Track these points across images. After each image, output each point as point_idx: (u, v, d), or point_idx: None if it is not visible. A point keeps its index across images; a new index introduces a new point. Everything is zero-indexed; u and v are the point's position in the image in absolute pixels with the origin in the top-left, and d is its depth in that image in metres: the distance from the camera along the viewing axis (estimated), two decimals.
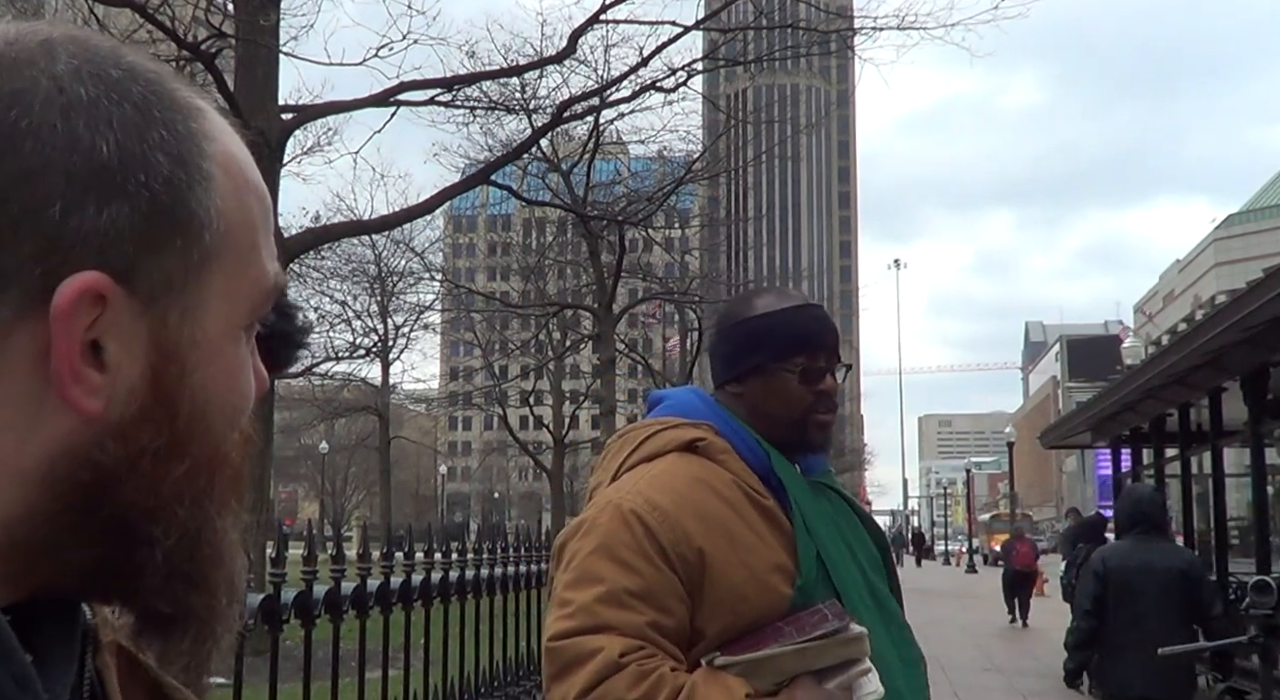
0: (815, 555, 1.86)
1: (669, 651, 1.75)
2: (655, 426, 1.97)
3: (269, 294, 0.65)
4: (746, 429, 1.95)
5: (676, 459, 1.90)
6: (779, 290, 2.10)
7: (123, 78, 0.60)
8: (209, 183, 0.61)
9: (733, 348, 2.01)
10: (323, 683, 3.34)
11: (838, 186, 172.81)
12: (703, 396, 2.04)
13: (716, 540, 1.80)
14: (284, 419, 38.37)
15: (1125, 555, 6.06)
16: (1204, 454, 11.77)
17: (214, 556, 0.63)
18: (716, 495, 1.85)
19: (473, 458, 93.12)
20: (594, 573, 1.77)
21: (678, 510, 1.81)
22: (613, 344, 26.18)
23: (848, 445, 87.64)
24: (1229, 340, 8.84)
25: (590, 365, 34.45)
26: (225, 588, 0.64)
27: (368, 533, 3.70)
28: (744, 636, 1.77)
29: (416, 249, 33.50)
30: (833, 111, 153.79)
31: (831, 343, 1.99)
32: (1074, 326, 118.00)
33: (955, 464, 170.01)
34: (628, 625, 1.73)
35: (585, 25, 17.09)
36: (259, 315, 0.65)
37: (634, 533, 1.78)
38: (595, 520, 1.83)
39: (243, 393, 0.64)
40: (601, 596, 1.74)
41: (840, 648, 1.74)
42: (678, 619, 1.77)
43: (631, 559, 1.77)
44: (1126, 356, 25.05)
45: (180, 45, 13.86)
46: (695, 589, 1.78)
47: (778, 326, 1.97)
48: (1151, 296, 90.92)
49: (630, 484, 1.87)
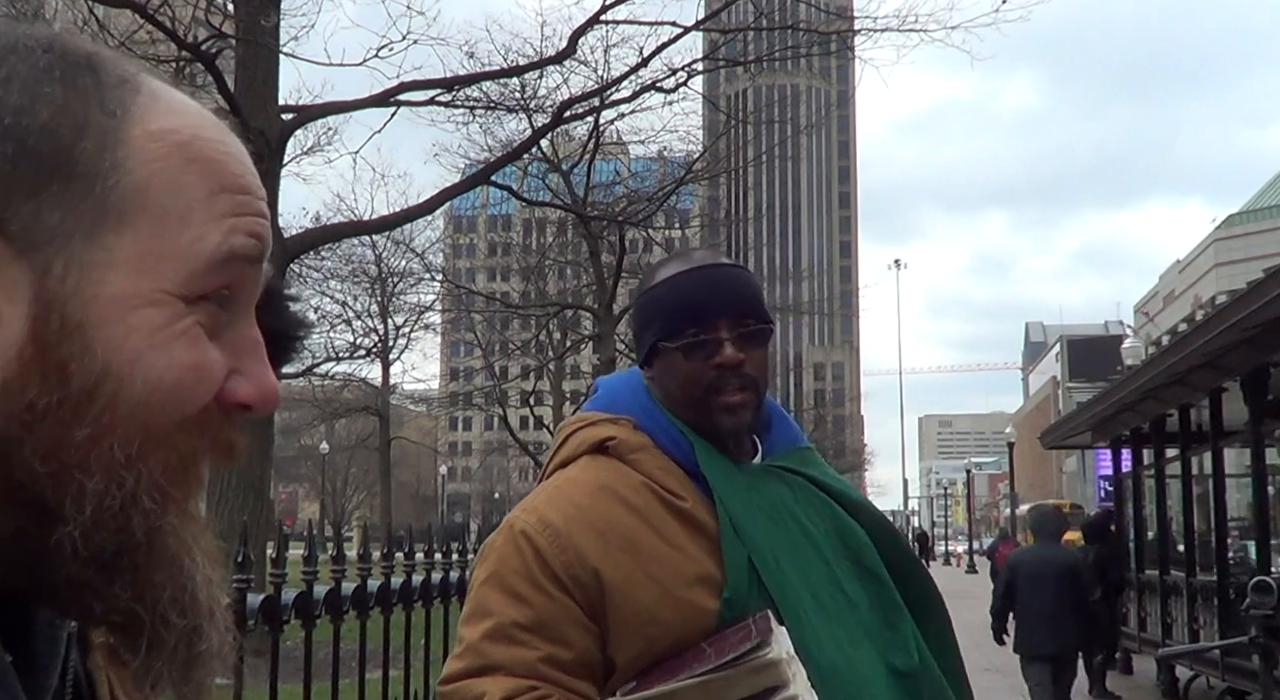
0: (745, 560, 1.60)
1: (570, 687, 1.56)
2: (576, 425, 1.79)
3: (214, 265, 0.62)
4: (670, 418, 1.70)
5: (586, 464, 1.71)
6: (684, 253, 1.81)
7: (36, 48, 0.61)
8: (107, 137, 0.61)
9: (636, 327, 1.79)
10: (323, 683, 3.34)
11: (838, 186, 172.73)
12: (633, 384, 1.79)
13: (617, 557, 1.59)
14: (284, 419, 38.41)
15: (1032, 555, 8.67)
16: (1204, 454, 11.77)
17: (153, 554, 0.60)
18: (621, 503, 1.63)
19: (473, 458, 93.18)
20: (485, 606, 1.61)
21: (570, 526, 1.61)
22: (613, 344, 26.17)
23: (848, 445, 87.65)
24: (1229, 341, 8.84)
25: (591, 365, 34.48)
26: (174, 595, 0.61)
27: (368, 533, 3.70)
28: (665, 661, 1.55)
29: (417, 249, 33.55)
30: (833, 111, 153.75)
31: (729, 306, 1.67)
32: (1074, 327, 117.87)
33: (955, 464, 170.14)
34: (517, 663, 1.56)
35: (585, 26, 17.09)
36: (207, 288, 0.62)
37: (524, 557, 1.61)
38: (492, 544, 1.68)
39: (183, 368, 0.60)
40: (489, 632, 1.58)
41: (751, 676, 1.47)
42: (579, 650, 1.58)
43: (521, 588, 1.59)
44: (1127, 357, 25.05)
45: (180, 45, 13.86)
46: (597, 614, 1.58)
47: (666, 297, 1.71)
48: (1152, 297, 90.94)
49: (530, 499, 1.72)
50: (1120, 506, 15.45)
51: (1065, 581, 8.30)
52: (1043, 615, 8.23)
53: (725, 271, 1.73)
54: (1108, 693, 11.95)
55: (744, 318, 1.69)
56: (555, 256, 33.27)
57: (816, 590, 1.63)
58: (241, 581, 2.70)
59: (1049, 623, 8.21)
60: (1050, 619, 8.21)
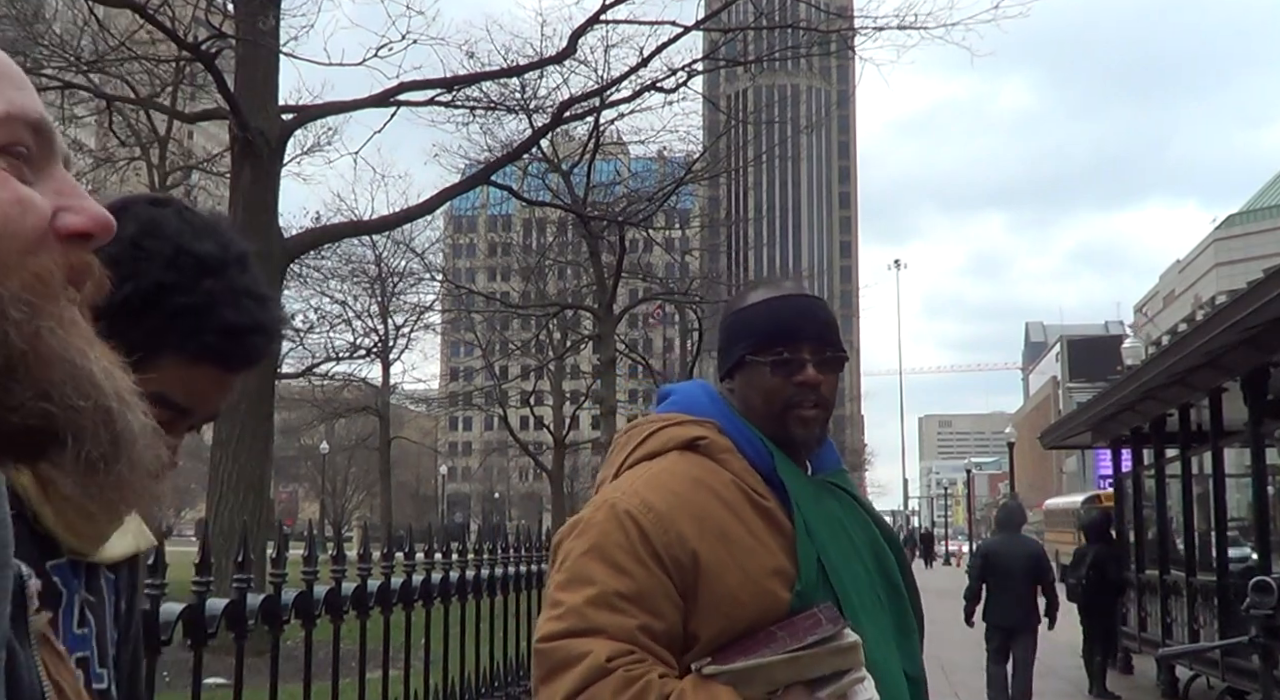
0: (815, 559, 1.79)
1: (659, 656, 1.71)
2: (658, 423, 1.92)
3: (9, 123, 0.69)
4: (749, 427, 1.88)
5: (677, 458, 1.85)
6: (774, 282, 2.02)
7: None
8: None
9: (723, 341, 1.97)
10: (323, 683, 3.34)
11: (838, 186, 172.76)
12: (709, 392, 1.97)
13: (712, 543, 1.75)
14: (284, 419, 38.39)
15: (1000, 545, 10.32)
16: (1204, 454, 11.77)
17: (40, 356, 0.66)
18: (715, 496, 1.80)
19: (473, 458, 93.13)
20: (586, 574, 1.74)
21: (673, 512, 1.76)
22: (613, 344, 26.19)
23: (848, 445, 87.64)
24: (1229, 340, 8.84)
25: (590, 365, 34.49)
26: (73, 385, 0.67)
27: (368, 533, 3.70)
28: (738, 641, 1.72)
29: (417, 249, 33.58)
30: (833, 111, 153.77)
31: (814, 332, 1.89)
32: (1074, 327, 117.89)
33: (956, 464, 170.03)
34: (617, 629, 1.69)
35: (585, 25, 17.10)
36: (9, 144, 0.69)
37: (628, 534, 1.75)
38: (590, 520, 1.80)
39: (6, 203, 0.67)
40: (592, 598, 1.71)
41: (833, 656, 1.68)
42: (669, 623, 1.72)
43: (624, 561, 1.73)
44: (1127, 357, 25.06)
45: (180, 45, 13.87)
46: (688, 592, 1.74)
47: (758, 318, 1.90)
48: (1152, 297, 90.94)
49: (628, 483, 1.84)
50: (1120, 506, 15.45)
51: (1027, 566, 10.05)
52: (1006, 593, 10.00)
53: (813, 302, 1.96)
54: (1108, 693, 11.95)
55: (826, 345, 1.90)
56: (555, 256, 33.28)
57: (863, 593, 1.84)
58: (241, 581, 2.70)
59: (1011, 600, 9.99)
60: (1012, 596, 9.99)
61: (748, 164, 41.29)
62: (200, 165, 30.23)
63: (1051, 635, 10.50)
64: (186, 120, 21.79)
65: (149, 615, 2.24)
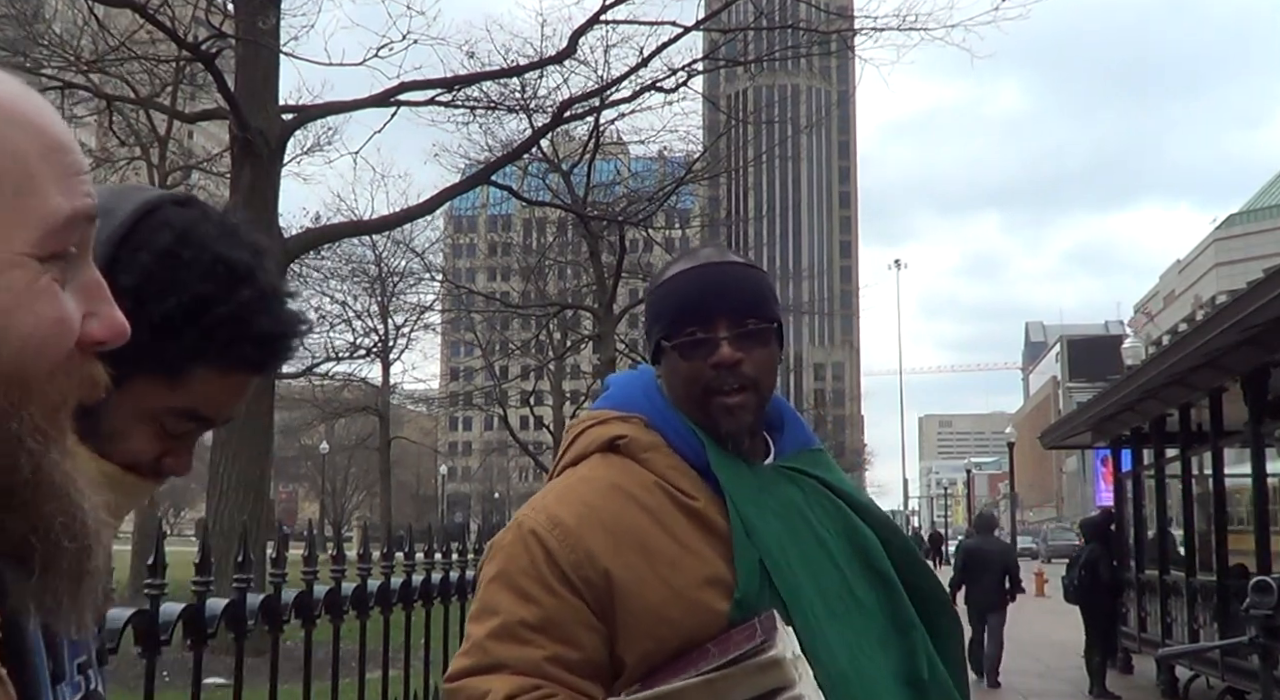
0: (757, 562, 1.58)
1: (576, 687, 1.54)
2: (586, 423, 1.76)
3: (65, 226, 0.67)
4: (681, 417, 1.67)
5: (597, 462, 1.68)
6: (693, 252, 1.77)
7: None
8: None
9: (645, 323, 1.76)
10: (323, 683, 3.34)
11: (838, 186, 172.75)
12: (646, 382, 1.75)
13: (628, 557, 1.57)
14: (284, 419, 38.36)
15: (977, 544, 13.24)
16: (1204, 454, 11.77)
17: (40, 488, 0.65)
18: (633, 503, 1.61)
19: (473, 458, 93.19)
20: (491, 604, 1.60)
21: (582, 527, 1.59)
22: (613, 344, 26.18)
23: (848, 445, 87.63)
24: (1229, 340, 8.84)
25: (591, 365, 34.49)
26: (64, 522, 0.66)
27: (368, 533, 3.70)
28: (670, 662, 1.53)
29: (417, 249, 33.57)
30: (832, 111, 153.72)
31: (729, 305, 1.64)
32: (1074, 327, 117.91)
33: (956, 464, 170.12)
34: (522, 662, 1.54)
35: (585, 25, 17.09)
36: (59, 247, 0.66)
37: (532, 556, 1.59)
38: (499, 543, 1.65)
39: (49, 322, 0.65)
40: (494, 631, 1.57)
41: (754, 676, 1.43)
42: (588, 650, 1.56)
43: (529, 587, 1.57)
44: (1127, 357, 25.05)
45: (180, 45, 13.86)
46: (606, 614, 1.56)
47: (671, 295, 1.68)
48: (1152, 297, 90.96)
49: (539, 497, 1.69)
50: (1120, 506, 15.45)
51: (999, 561, 12.91)
52: (980, 583, 12.80)
53: (728, 269, 1.69)
54: (1108, 693, 11.95)
55: (744, 317, 1.64)
56: (555, 256, 33.28)
57: (827, 594, 1.60)
58: (241, 581, 2.69)
59: (987, 586, 12.76)
60: (985, 585, 12.77)
61: (748, 164, 41.26)
62: (200, 165, 30.21)
63: (1052, 635, 10.57)
64: (186, 120, 21.78)
65: (149, 615, 2.25)
